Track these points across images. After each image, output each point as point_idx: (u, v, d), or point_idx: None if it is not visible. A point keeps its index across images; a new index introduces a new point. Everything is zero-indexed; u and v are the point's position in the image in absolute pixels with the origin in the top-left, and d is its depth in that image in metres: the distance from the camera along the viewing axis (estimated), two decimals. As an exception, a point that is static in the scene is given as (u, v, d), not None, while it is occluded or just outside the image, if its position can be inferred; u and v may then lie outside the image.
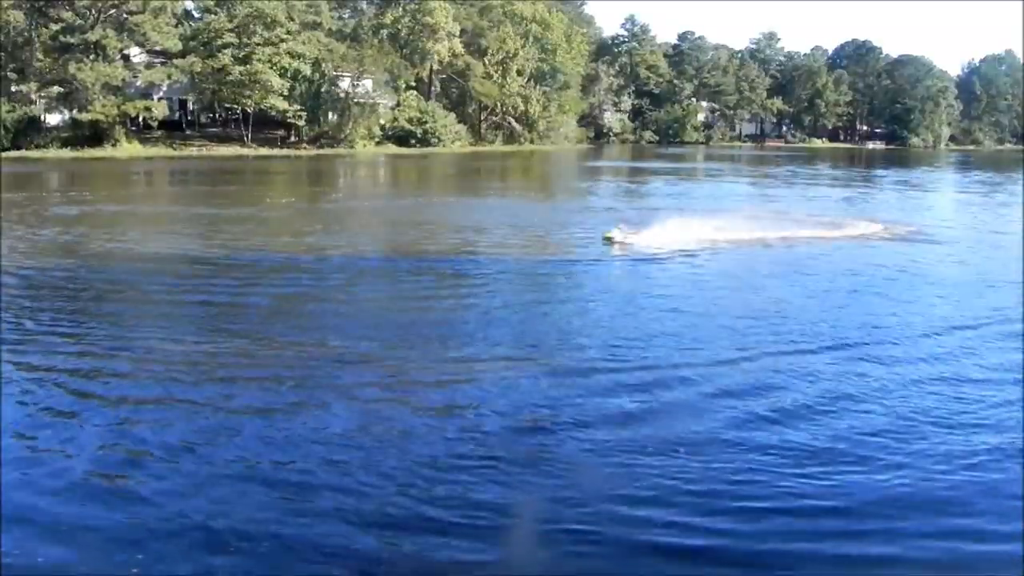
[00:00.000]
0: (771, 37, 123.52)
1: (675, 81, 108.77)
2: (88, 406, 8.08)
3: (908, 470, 6.74)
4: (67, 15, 52.06)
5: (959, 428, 7.70)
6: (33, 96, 52.73)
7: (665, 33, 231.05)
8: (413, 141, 67.62)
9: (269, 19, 58.03)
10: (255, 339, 10.34)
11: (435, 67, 73.33)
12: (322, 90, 64.45)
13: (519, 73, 77.05)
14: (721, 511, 6.00)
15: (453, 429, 7.53)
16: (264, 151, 59.85)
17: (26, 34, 52.44)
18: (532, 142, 79.10)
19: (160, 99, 59.51)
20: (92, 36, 51.81)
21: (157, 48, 57.68)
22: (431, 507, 5.98)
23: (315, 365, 9.33)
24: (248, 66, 57.30)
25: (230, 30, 57.80)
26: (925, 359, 9.99)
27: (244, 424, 7.62)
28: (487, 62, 75.16)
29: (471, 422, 7.71)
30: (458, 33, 71.59)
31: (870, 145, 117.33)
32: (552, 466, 6.69)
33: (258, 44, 57.83)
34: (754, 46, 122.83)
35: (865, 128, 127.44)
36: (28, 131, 52.71)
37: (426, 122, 68.56)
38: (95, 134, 53.84)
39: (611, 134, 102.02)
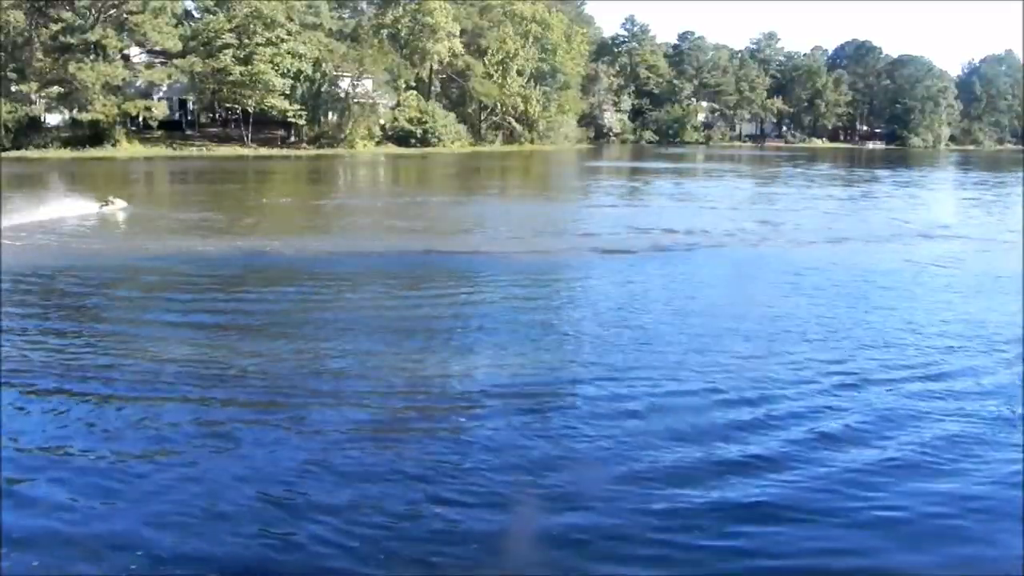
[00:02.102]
0: (771, 37, 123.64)
1: (675, 81, 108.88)
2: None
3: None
4: (67, 15, 52.11)
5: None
6: (33, 96, 52.74)
7: (665, 33, 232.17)
8: (413, 141, 67.69)
9: (269, 19, 58.09)
10: (225, 348, 9.63)
11: (435, 67, 73.39)
12: (322, 90, 64.54)
13: (519, 73, 77.10)
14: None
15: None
16: (264, 151, 59.90)
17: (26, 34, 52.48)
18: (532, 142, 79.14)
19: (160, 99, 59.61)
20: (92, 36, 51.86)
21: (157, 48, 57.74)
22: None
23: (290, 378, 8.64)
24: (249, 66, 57.38)
25: (230, 30, 57.87)
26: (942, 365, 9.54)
27: (183, 446, 6.84)
28: (487, 62, 75.20)
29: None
30: (458, 33, 71.62)
31: (870, 145, 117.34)
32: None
33: (259, 44, 57.89)
34: (754, 46, 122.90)
35: (865, 128, 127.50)
36: (28, 131, 52.76)
37: (426, 122, 68.62)
38: (95, 134, 53.94)
39: (611, 134, 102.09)
